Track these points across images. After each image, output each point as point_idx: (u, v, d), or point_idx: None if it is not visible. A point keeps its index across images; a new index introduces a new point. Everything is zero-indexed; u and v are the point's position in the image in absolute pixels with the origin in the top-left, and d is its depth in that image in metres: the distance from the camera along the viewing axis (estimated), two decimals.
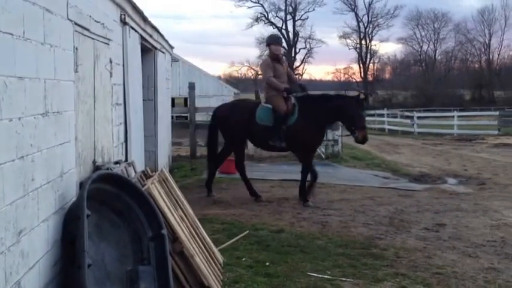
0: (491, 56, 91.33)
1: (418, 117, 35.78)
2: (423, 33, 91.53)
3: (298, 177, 12.88)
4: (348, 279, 6.03)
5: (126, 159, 7.17)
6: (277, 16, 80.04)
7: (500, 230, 8.52)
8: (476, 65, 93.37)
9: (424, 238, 7.99)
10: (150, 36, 9.84)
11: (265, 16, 79.26)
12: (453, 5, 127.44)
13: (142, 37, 8.98)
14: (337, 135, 17.18)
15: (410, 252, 7.18)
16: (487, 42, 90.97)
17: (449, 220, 9.17)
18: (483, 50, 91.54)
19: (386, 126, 38.10)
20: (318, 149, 18.53)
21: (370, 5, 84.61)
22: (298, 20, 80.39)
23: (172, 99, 25.53)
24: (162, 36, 11.63)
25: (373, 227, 8.62)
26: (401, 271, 6.38)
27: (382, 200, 11.00)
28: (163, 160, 12.03)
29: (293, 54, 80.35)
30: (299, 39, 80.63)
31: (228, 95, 47.92)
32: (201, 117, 29.69)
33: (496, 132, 29.67)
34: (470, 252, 7.28)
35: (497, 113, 34.73)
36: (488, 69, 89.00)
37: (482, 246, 7.60)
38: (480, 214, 9.68)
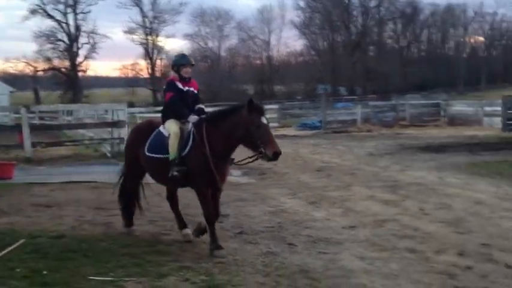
0: (271, 53, 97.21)
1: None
2: (208, 30, 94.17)
3: (82, 178, 12.44)
4: (132, 279, 5.95)
5: None
6: (56, 9, 75.95)
7: (277, 216, 9.08)
8: (258, 61, 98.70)
9: None
10: None
11: (42, 8, 74.58)
12: (234, 4, 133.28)
13: None
14: (124, 133, 16.85)
15: (195, 245, 7.33)
16: (267, 39, 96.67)
17: (232, 210, 9.53)
18: (264, 47, 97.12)
19: None
20: (103, 148, 18.16)
21: (155, 0, 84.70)
22: (79, 13, 77.14)
23: None
24: None
25: (159, 224, 8.65)
26: (186, 264, 6.48)
27: None
28: None
29: (75, 50, 77.13)
30: (81, 33, 77.59)
31: (3, 93, 44.50)
32: None
33: (277, 124, 31.53)
34: (251, 239, 7.64)
35: (277, 106, 37.02)
36: (269, 65, 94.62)
37: (261, 232, 8.01)
38: (259, 202, 10.23)
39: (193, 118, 7.25)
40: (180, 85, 7.52)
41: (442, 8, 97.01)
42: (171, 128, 7.30)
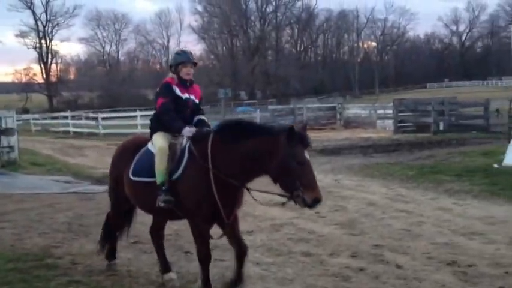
0: (170, 57, 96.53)
1: (103, 118, 35.76)
2: (105, 34, 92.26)
3: None
4: None
5: None
6: None
7: (174, 223, 8.82)
8: (158, 66, 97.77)
9: None
10: None
11: None
12: (131, 7, 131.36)
13: None
14: (13, 141, 16.03)
15: (87, 257, 7.05)
16: (166, 44, 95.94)
17: None
18: (163, 51, 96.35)
19: (71, 129, 37.10)
20: None
21: (47, 2, 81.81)
22: None
23: None
24: None
25: (49, 236, 8.27)
26: (76, 278, 6.23)
27: (61, 206, 10.65)
28: None
29: None
30: None
31: None
32: None
33: None
34: (146, 248, 7.43)
35: None
36: (169, 70, 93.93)
37: None
38: None
39: (188, 131, 5.60)
40: (177, 90, 5.89)
41: (336, 14, 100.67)
42: (156, 143, 5.71)
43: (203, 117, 6.07)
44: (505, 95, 25.35)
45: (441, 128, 25.02)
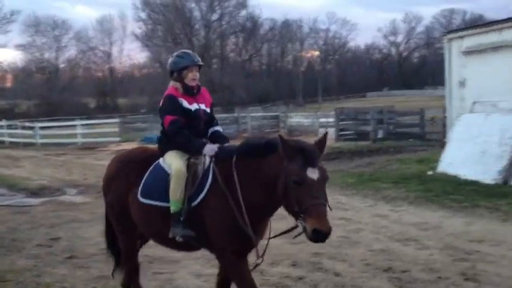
0: (113, 65, 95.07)
1: (41, 128, 34.79)
2: (44, 41, 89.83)
3: None
4: None
5: None
6: None
7: None
8: (100, 74, 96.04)
9: (35, 256, 7.69)
10: None
11: None
12: (72, 13, 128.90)
13: None
14: None
15: (19, 274, 6.84)
16: (108, 51, 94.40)
17: (65, 233, 9.05)
18: (105, 58, 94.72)
19: (7, 139, 35.80)
20: None
21: None
22: None
23: None
24: None
25: None
26: None
27: None
28: None
29: None
30: None
31: None
32: None
33: (118, 139, 30.75)
34: (82, 263, 7.27)
35: (118, 120, 36.12)
36: (111, 78, 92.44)
37: (94, 255, 7.64)
38: (96, 223, 9.69)
39: (211, 149, 4.77)
40: (184, 102, 4.99)
41: (280, 24, 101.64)
42: (172, 164, 4.79)
43: (218, 128, 5.30)
44: (440, 104, 26.08)
45: (380, 136, 25.52)
